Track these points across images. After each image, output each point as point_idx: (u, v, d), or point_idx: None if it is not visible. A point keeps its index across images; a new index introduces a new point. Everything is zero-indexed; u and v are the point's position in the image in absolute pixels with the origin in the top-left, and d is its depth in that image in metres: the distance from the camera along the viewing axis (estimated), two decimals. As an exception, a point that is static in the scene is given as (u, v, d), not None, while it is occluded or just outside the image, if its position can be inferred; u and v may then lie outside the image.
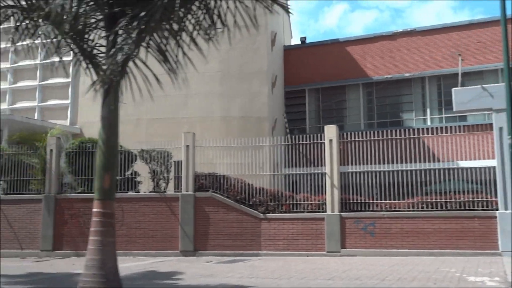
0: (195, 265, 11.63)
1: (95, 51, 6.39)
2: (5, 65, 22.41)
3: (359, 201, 13.10)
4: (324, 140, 13.67)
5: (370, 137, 13.82)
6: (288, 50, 23.11)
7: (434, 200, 12.60)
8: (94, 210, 5.96)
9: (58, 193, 14.71)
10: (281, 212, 13.55)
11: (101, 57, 6.21)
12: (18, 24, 6.29)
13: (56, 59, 6.27)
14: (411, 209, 12.67)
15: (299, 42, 24.00)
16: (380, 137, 13.78)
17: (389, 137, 13.60)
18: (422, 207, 12.59)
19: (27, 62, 22.21)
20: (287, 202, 13.57)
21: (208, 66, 20.49)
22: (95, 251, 5.71)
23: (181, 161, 14.48)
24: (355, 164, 13.57)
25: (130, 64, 5.95)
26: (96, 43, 6.31)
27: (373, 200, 13.17)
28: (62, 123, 20.50)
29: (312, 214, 13.29)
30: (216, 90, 20.36)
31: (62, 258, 13.99)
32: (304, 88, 22.84)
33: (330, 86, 22.68)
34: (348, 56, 22.73)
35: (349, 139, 13.83)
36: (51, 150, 14.73)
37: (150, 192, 14.48)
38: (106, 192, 5.86)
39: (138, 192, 14.81)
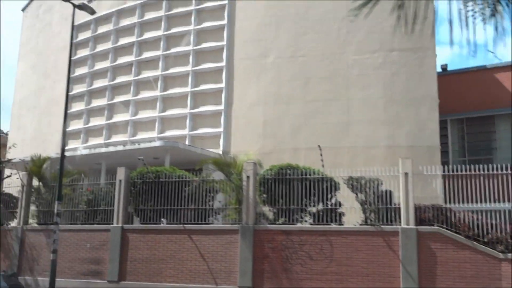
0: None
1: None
2: (154, 93, 22.11)
3: None
4: None
5: None
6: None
7: None
8: None
9: (255, 224, 13.48)
10: (526, 252, 11.63)
11: None
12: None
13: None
14: None
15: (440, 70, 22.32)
16: None
17: None
18: None
19: (177, 89, 21.84)
20: (535, 241, 11.64)
21: (370, 91, 19.23)
22: None
23: (389, 190, 12.99)
24: None
25: None
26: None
27: None
28: (215, 152, 19.67)
29: None
30: (380, 117, 18.94)
31: (266, 296, 12.64)
32: (446, 119, 20.97)
33: (477, 116, 20.84)
34: (497, 84, 20.85)
35: None
36: (247, 177, 13.60)
37: (360, 224, 12.96)
38: None
39: (342, 224, 13.33)
